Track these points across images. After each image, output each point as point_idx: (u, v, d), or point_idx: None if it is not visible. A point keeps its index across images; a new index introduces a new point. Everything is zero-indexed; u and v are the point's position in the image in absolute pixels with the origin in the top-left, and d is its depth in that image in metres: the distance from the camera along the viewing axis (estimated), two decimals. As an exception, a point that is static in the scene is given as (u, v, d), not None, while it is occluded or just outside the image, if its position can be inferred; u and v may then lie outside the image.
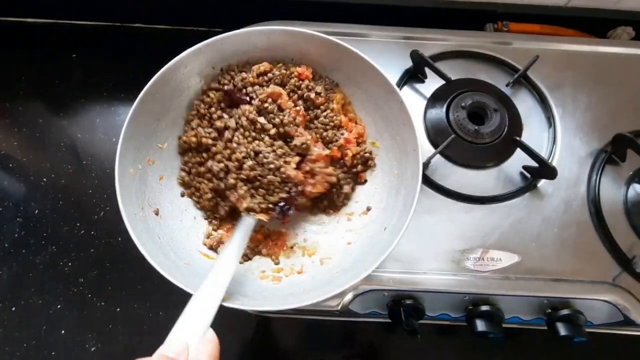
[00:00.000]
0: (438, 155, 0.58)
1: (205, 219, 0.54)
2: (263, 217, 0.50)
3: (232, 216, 0.53)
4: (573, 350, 0.57)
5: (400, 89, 0.50)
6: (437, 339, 0.58)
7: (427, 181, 0.57)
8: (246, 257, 0.52)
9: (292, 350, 0.60)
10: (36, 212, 0.65)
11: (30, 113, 0.72)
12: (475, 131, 0.59)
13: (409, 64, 0.64)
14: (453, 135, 0.58)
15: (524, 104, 0.63)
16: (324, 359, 0.60)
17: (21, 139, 0.70)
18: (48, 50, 0.76)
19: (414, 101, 0.62)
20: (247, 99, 0.52)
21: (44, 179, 0.67)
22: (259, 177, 0.50)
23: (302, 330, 0.60)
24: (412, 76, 0.64)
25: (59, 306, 0.60)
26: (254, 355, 0.60)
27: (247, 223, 0.49)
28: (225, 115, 0.52)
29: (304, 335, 0.60)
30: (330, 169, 0.53)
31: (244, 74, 0.53)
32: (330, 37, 0.51)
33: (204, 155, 0.52)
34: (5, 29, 0.77)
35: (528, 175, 0.58)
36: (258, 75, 0.53)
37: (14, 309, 0.60)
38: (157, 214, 0.50)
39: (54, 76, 0.74)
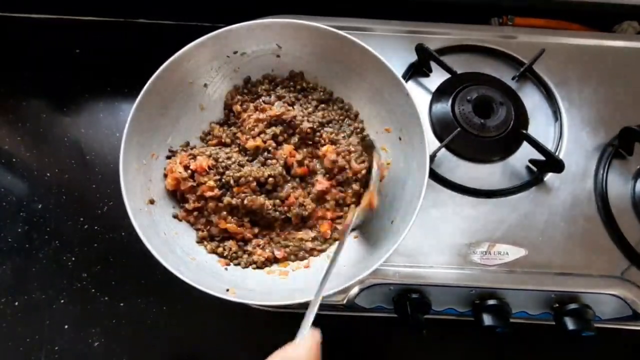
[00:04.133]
0: (444, 149, 0.57)
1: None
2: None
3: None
4: (581, 345, 0.57)
5: (405, 83, 0.49)
6: (444, 334, 0.58)
7: (433, 175, 0.57)
8: None
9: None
10: (40, 207, 0.65)
11: (33, 109, 0.71)
12: (481, 125, 0.58)
13: (413, 58, 0.64)
14: (459, 129, 0.57)
15: (530, 97, 0.62)
16: (328, 354, 0.59)
17: (25, 134, 0.70)
18: (51, 46, 0.76)
19: (419, 95, 0.62)
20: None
21: (48, 174, 0.67)
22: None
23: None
24: (417, 70, 0.64)
25: (62, 301, 0.60)
26: (258, 351, 0.60)
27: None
28: None
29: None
30: None
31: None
32: (333, 29, 0.51)
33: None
34: (8, 24, 0.77)
35: (534, 169, 0.58)
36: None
37: (17, 303, 0.59)
38: (162, 209, 0.50)
39: (57, 72, 0.74)
